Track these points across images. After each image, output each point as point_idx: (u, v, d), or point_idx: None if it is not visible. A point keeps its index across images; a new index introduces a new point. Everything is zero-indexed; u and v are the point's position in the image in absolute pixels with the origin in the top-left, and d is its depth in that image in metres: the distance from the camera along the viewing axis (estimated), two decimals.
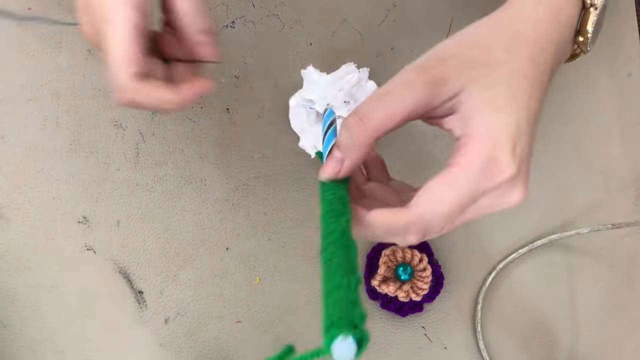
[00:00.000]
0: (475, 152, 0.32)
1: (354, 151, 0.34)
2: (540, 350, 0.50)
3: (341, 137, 0.34)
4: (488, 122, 0.33)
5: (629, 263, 0.52)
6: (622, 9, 0.54)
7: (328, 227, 0.32)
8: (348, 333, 0.25)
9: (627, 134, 0.53)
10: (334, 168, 0.35)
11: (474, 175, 0.32)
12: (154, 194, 0.49)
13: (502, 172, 0.33)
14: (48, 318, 0.48)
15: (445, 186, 0.32)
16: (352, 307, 0.27)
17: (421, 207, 0.33)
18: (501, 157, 0.32)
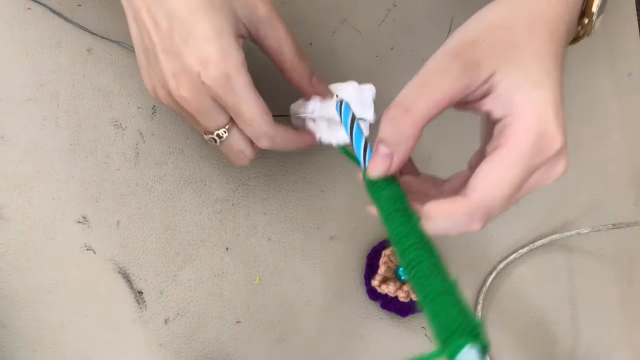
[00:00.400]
0: (524, 129, 0.33)
1: (404, 144, 0.34)
2: (540, 350, 0.50)
3: (386, 132, 0.34)
4: (530, 98, 0.33)
5: (629, 263, 0.52)
6: (622, 8, 0.54)
7: (401, 228, 0.31)
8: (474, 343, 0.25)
9: (627, 134, 0.53)
10: (384, 165, 0.34)
11: (528, 153, 0.33)
12: (153, 194, 0.49)
13: (553, 145, 0.33)
14: (48, 318, 0.48)
15: (502, 168, 0.33)
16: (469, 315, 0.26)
17: (481, 192, 0.33)
18: (550, 129, 0.33)
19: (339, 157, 0.51)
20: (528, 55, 0.34)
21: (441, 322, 0.26)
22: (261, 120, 0.39)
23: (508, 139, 0.33)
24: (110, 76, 0.50)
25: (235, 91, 0.38)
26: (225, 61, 0.37)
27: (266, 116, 0.40)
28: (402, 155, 0.34)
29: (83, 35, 0.50)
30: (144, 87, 0.50)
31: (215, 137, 0.41)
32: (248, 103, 0.39)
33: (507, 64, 0.34)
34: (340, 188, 0.51)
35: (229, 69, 0.37)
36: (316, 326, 0.49)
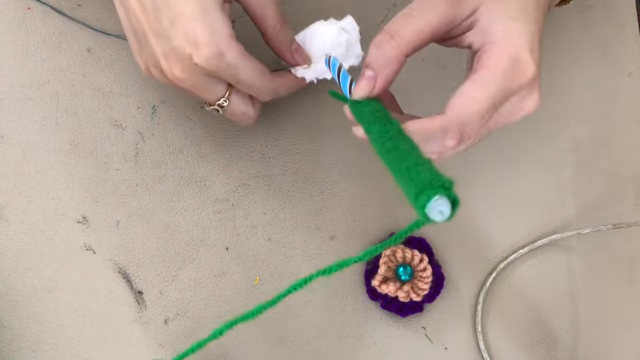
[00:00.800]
0: (500, 54, 0.35)
1: (387, 67, 0.36)
2: (540, 350, 0.50)
3: (371, 56, 0.36)
4: (507, 28, 0.35)
5: (629, 263, 0.52)
6: (622, 9, 0.54)
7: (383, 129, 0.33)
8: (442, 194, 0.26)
9: (627, 134, 0.53)
10: (367, 85, 0.37)
11: (502, 75, 0.35)
12: (153, 194, 0.49)
13: (525, 72, 0.35)
14: (47, 318, 0.48)
15: (477, 87, 0.35)
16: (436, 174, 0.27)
17: (457, 109, 0.35)
18: (523, 57, 0.35)
19: (339, 157, 0.51)
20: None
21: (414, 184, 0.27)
22: (261, 80, 0.41)
23: (484, 62, 0.35)
24: (110, 76, 0.50)
25: (229, 65, 0.39)
26: (215, 39, 0.37)
27: (265, 75, 0.41)
28: (385, 77, 0.36)
29: (83, 35, 0.50)
30: (144, 87, 0.50)
31: (216, 107, 0.43)
32: (245, 71, 0.40)
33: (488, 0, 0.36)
34: (340, 188, 0.51)
35: (219, 46, 0.38)
36: (316, 326, 0.49)
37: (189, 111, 0.50)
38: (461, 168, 0.52)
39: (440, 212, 0.26)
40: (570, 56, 0.54)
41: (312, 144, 0.51)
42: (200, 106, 0.50)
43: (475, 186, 0.51)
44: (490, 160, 0.52)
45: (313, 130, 0.51)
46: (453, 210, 0.27)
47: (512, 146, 0.52)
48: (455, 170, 0.52)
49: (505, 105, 0.36)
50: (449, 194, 0.26)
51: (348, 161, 0.51)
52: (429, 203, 0.26)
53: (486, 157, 0.52)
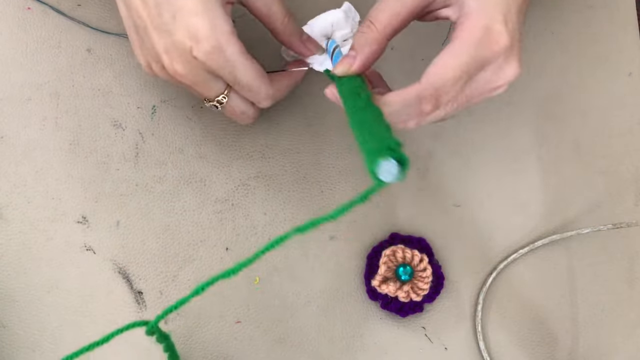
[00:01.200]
0: (472, 24, 0.36)
1: (366, 47, 0.39)
2: (540, 350, 0.50)
3: (354, 39, 0.39)
4: (481, 0, 0.37)
5: (629, 263, 0.52)
6: (622, 9, 0.54)
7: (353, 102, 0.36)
8: (387, 156, 0.28)
9: (627, 134, 0.53)
10: (347, 62, 0.39)
11: (474, 44, 0.36)
12: (153, 194, 0.49)
13: (498, 41, 0.36)
14: (47, 318, 0.48)
15: (450, 55, 0.36)
16: (387, 137, 0.29)
17: (430, 75, 0.36)
18: (495, 27, 0.36)
19: (339, 157, 0.51)
20: None
21: (367, 151, 0.29)
22: (259, 83, 0.41)
23: (459, 33, 0.37)
24: (110, 76, 0.50)
25: (229, 61, 0.39)
26: (216, 34, 0.38)
27: (263, 78, 0.41)
28: (364, 56, 0.39)
29: (83, 35, 0.50)
30: (144, 87, 0.50)
31: (215, 104, 0.43)
32: (243, 70, 0.40)
33: None
34: (340, 188, 0.51)
35: (219, 41, 0.38)
36: (316, 326, 0.49)
37: (189, 111, 0.50)
38: (461, 168, 0.52)
39: (389, 173, 0.28)
40: (570, 56, 0.54)
41: (312, 144, 0.51)
42: (201, 106, 0.50)
43: (475, 186, 0.51)
44: (490, 160, 0.52)
45: (313, 130, 0.51)
46: (403, 170, 0.28)
47: (512, 146, 0.52)
48: (456, 170, 0.52)
49: (481, 74, 0.37)
50: (395, 155, 0.28)
51: (348, 161, 0.51)
52: (378, 166, 0.28)
53: (486, 156, 0.52)
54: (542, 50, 0.53)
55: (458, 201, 0.51)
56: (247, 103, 0.44)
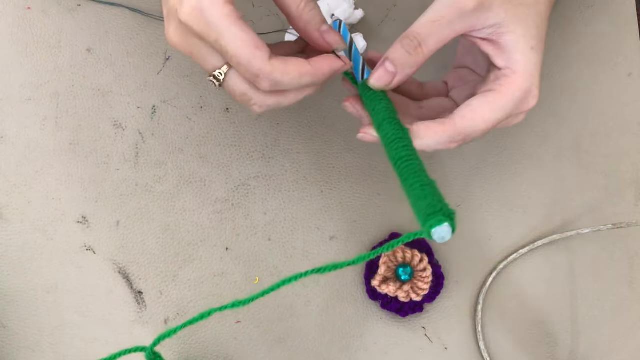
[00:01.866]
0: (517, 84, 0.39)
1: (407, 69, 0.38)
2: (540, 350, 0.50)
3: (396, 54, 0.38)
4: (527, 59, 0.39)
5: (629, 263, 0.52)
6: (622, 9, 0.54)
7: (394, 131, 0.37)
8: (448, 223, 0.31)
9: (627, 134, 0.53)
10: (386, 79, 0.38)
11: (513, 103, 0.39)
12: (153, 194, 0.49)
13: (530, 103, 0.40)
14: (47, 318, 0.48)
15: (489, 108, 0.38)
16: (446, 204, 0.32)
17: (467, 122, 0.38)
18: (533, 90, 0.39)
19: (339, 157, 0.51)
20: (532, 16, 0.39)
21: (424, 206, 0.32)
22: (250, 55, 0.35)
23: (502, 88, 0.39)
24: (110, 76, 0.50)
25: (211, 25, 0.35)
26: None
27: (256, 50, 0.35)
28: (403, 78, 0.39)
29: (83, 35, 0.50)
30: (144, 87, 0.50)
31: (213, 79, 0.38)
32: (229, 37, 0.35)
33: (515, 20, 0.38)
34: (340, 188, 0.51)
35: (201, 1, 0.35)
36: (316, 326, 0.49)
37: (189, 111, 0.50)
38: (461, 168, 0.52)
39: (441, 237, 0.31)
40: (570, 56, 0.54)
41: (312, 144, 0.51)
42: (201, 107, 0.50)
43: (475, 186, 0.51)
44: (490, 161, 0.52)
45: (313, 130, 0.51)
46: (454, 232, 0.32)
47: (512, 146, 0.52)
48: (456, 170, 0.52)
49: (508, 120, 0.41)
50: (452, 224, 0.31)
51: (348, 161, 0.51)
52: (435, 227, 0.31)
53: (486, 157, 0.52)
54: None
55: (458, 201, 0.51)
56: (247, 83, 0.38)
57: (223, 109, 0.50)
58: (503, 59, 0.39)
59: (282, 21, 0.52)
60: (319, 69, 0.38)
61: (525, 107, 0.40)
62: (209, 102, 0.50)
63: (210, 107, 0.50)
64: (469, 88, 0.44)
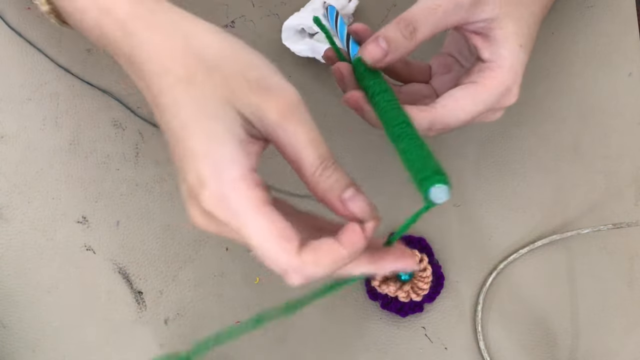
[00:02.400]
0: (500, 79, 0.39)
1: (400, 51, 0.38)
2: (540, 350, 0.50)
3: (391, 34, 0.38)
4: (513, 56, 0.39)
5: (629, 263, 0.52)
6: (622, 9, 0.54)
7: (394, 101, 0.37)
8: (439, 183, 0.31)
9: (627, 134, 0.53)
10: (377, 54, 0.38)
11: (494, 97, 0.39)
12: (153, 194, 0.49)
13: (510, 99, 0.40)
14: (47, 318, 0.48)
15: (470, 99, 0.39)
16: (434, 163, 0.32)
17: (448, 111, 0.39)
18: (514, 89, 0.40)
19: (339, 157, 0.51)
20: (526, 15, 0.39)
21: (418, 168, 0.32)
22: (277, 249, 0.31)
23: (485, 81, 0.39)
24: (110, 76, 0.50)
25: (234, 213, 0.31)
26: (218, 178, 0.30)
27: (283, 242, 0.31)
28: (394, 58, 0.38)
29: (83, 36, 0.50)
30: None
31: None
32: (253, 227, 0.31)
33: (509, 17, 0.39)
34: None
35: (223, 187, 0.30)
36: (316, 326, 0.49)
37: None
38: (461, 168, 0.52)
39: (441, 197, 0.32)
40: (570, 56, 0.54)
41: None
42: None
43: (475, 186, 0.51)
44: (490, 161, 0.52)
45: None
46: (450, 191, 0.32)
47: (512, 146, 0.52)
48: (456, 170, 0.52)
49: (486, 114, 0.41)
50: (447, 183, 0.32)
51: (348, 161, 0.51)
52: (433, 187, 0.31)
53: (486, 157, 0.52)
54: (542, 50, 0.53)
55: (458, 201, 0.51)
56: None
57: None
58: (490, 53, 0.39)
59: (282, 21, 0.52)
60: (354, 246, 0.32)
61: (505, 103, 0.40)
62: None
63: None
64: (451, 78, 0.44)
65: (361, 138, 0.51)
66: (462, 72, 0.45)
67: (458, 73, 0.45)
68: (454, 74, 0.45)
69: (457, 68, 0.45)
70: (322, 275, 0.32)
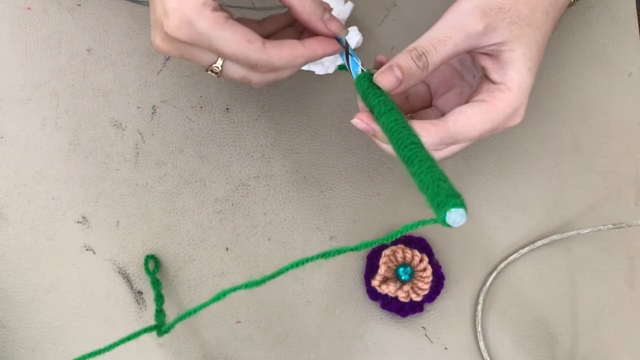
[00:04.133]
0: (509, 101, 0.40)
1: (412, 81, 0.39)
2: (540, 350, 0.50)
3: (403, 64, 0.39)
4: (522, 79, 0.40)
5: (629, 263, 0.52)
6: (622, 9, 0.54)
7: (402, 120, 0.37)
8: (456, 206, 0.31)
9: (627, 134, 0.53)
10: (392, 83, 0.39)
11: (502, 118, 0.40)
12: (153, 194, 0.49)
13: (515, 120, 0.41)
14: (47, 318, 0.48)
15: (481, 118, 0.39)
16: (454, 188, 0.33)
17: (460, 127, 0.39)
18: (521, 110, 0.41)
19: (339, 157, 0.51)
20: (535, 39, 0.40)
21: (435, 191, 0.32)
22: (245, 51, 0.38)
23: (495, 101, 0.40)
24: (110, 76, 0.50)
25: (202, 34, 0.37)
26: (183, 7, 0.36)
27: (249, 44, 0.38)
28: (406, 87, 0.39)
29: (83, 35, 0.50)
30: (144, 87, 0.50)
31: (211, 72, 0.41)
32: (223, 42, 0.37)
33: (518, 40, 0.39)
34: (340, 188, 0.51)
35: (188, 14, 0.36)
36: (316, 326, 0.49)
37: (189, 111, 0.50)
38: (461, 168, 0.52)
39: (456, 221, 0.32)
40: (570, 56, 0.54)
41: (312, 144, 0.51)
42: (201, 106, 0.50)
43: (475, 186, 0.51)
44: (490, 160, 0.52)
45: (313, 130, 0.51)
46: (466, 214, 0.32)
47: (512, 146, 0.52)
48: (456, 170, 0.52)
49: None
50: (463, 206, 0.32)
51: (348, 161, 0.51)
52: (450, 211, 0.31)
53: (486, 157, 0.52)
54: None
55: None
56: (244, 68, 0.40)
57: (223, 109, 0.51)
58: (499, 75, 0.40)
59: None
60: (313, 51, 0.40)
61: (510, 123, 0.41)
62: (209, 102, 0.50)
63: (210, 107, 0.50)
64: (455, 95, 0.45)
65: (361, 138, 0.51)
66: (464, 86, 0.45)
67: (461, 88, 0.45)
68: (457, 90, 0.45)
69: (459, 82, 0.46)
70: (285, 67, 0.40)
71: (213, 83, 0.50)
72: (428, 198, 0.33)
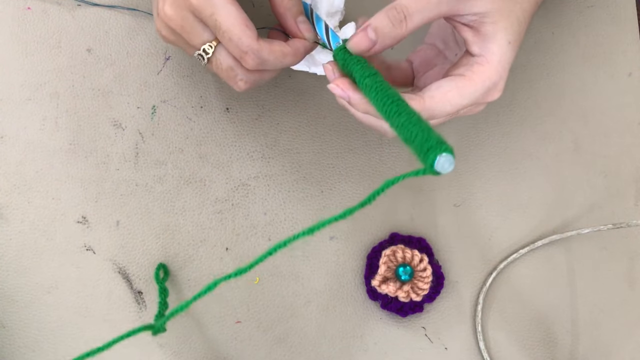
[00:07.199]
0: (488, 74, 0.39)
1: (387, 41, 0.38)
2: (540, 350, 0.50)
3: (381, 23, 0.38)
4: (502, 52, 0.39)
5: (629, 263, 0.52)
6: (622, 9, 0.54)
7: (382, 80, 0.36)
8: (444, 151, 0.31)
9: (627, 134, 0.53)
10: (366, 45, 0.38)
11: (481, 92, 0.39)
12: (153, 194, 0.49)
13: (494, 95, 0.40)
14: (47, 318, 0.48)
15: (457, 93, 0.39)
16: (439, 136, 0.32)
17: (436, 102, 0.39)
18: (500, 84, 0.40)
19: (339, 157, 0.51)
20: (517, 12, 0.40)
21: (420, 141, 0.32)
22: (241, 32, 0.39)
23: (473, 75, 0.39)
24: (110, 76, 0.50)
25: (209, 1, 0.38)
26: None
27: (247, 29, 0.39)
28: (382, 48, 0.39)
29: (83, 35, 0.50)
30: (144, 87, 0.50)
31: (202, 52, 0.41)
32: (224, 13, 0.39)
33: (500, 12, 0.39)
34: (340, 188, 0.51)
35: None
36: (316, 326, 0.49)
37: (189, 111, 0.50)
38: (461, 168, 0.52)
39: (446, 166, 0.31)
40: (570, 56, 0.54)
41: (312, 144, 0.51)
42: (201, 106, 0.50)
43: (475, 186, 0.51)
44: (490, 161, 0.52)
45: (313, 130, 0.51)
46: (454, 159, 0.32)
47: (512, 146, 0.52)
48: (456, 170, 0.52)
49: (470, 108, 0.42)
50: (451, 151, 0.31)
51: (348, 161, 0.51)
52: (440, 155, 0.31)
53: (486, 157, 0.52)
54: (542, 50, 0.53)
55: (458, 201, 0.51)
56: (234, 59, 0.41)
57: (223, 109, 0.51)
58: (479, 47, 0.40)
59: None
60: (297, 50, 0.42)
61: (489, 98, 0.40)
62: (209, 102, 0.50)
63: (210, 107, 0.50)
64: (436, 73, 0.45)
65: (361, 138, 0.51)
66: (446, 64, 0.45)
67: (442, 67, 0.45)
68: (438, 68, 0.45)
69: (441, 61, 0.45)
70: (272, 63, 0.40)
71: (213, 83, 0.51)
72: (416, 146, 0.32)
